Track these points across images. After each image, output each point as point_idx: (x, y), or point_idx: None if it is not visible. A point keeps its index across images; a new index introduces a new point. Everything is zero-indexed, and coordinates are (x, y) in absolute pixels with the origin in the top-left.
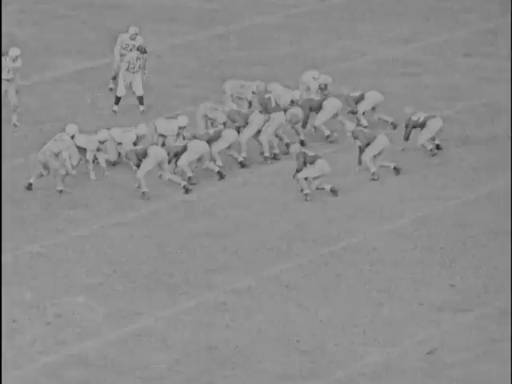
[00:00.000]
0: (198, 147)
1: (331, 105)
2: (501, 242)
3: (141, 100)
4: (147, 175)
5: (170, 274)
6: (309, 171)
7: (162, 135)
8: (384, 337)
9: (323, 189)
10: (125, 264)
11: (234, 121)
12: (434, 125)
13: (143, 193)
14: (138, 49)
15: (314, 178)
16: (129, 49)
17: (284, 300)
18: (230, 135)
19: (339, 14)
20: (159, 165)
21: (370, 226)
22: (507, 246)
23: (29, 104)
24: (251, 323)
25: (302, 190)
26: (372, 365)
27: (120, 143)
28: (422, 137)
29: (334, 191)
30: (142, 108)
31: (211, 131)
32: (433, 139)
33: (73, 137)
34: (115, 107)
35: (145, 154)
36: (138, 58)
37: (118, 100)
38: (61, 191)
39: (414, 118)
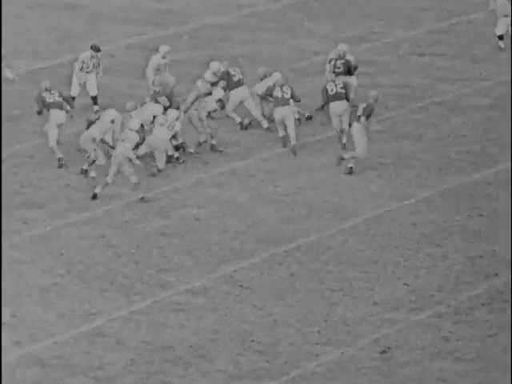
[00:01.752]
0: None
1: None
2: (454, 240)
3: (95, 100)
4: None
5: (124, 274)
6: None
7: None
8: (338, 336)
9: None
10: (79, 264)
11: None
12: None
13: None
14: (91, 47)
15: None
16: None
17: (238, 300)
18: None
19: (293, 13)
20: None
21: (324, 226)
22: (460, 244)
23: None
24: (205, 323)
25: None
26: (326, 364)
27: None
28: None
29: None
30: (95, 108)
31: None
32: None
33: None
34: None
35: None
36: (92, 57)
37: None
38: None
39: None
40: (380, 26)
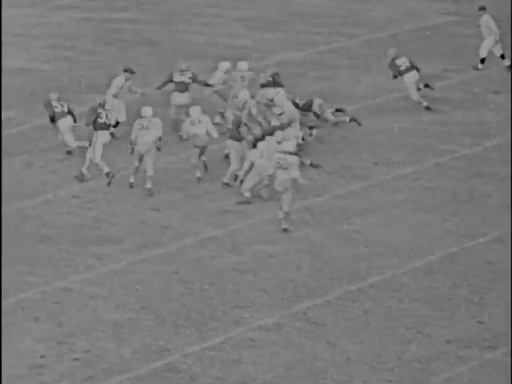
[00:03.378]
0: None
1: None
2: None
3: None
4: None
5: (198, 310)
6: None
7: None
8: (411, 374)
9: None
10: (153, 300)
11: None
12: (409, 79)
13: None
14: (125, 70)
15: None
16: None
17: (312, 337)
18: None
19: (368, 50)
20: None
21: (398, 263)
22: None
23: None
24: (279, 360)
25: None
26: None
27: None
28: (411, 94)
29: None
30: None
31: None
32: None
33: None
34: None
35: None
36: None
37: (116, 124)
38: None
39: (398, 63)
40: (455, 64)
